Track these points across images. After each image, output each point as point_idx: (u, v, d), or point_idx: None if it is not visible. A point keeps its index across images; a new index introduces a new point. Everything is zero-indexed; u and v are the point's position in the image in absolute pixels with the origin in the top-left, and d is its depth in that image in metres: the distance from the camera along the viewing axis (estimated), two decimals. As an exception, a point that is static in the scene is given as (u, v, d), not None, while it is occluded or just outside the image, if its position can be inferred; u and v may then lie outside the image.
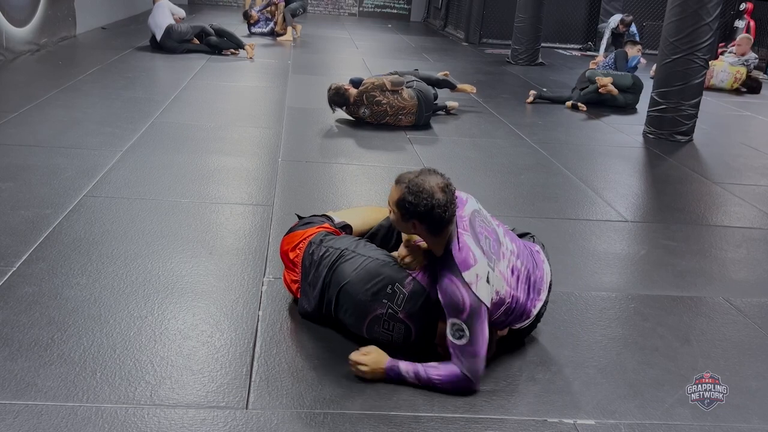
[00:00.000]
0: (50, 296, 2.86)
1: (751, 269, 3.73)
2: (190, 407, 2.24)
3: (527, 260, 2.63)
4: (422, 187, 2.35)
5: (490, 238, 2.49)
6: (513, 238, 2.66)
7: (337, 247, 2.69)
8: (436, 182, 2.38)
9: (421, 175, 2.41)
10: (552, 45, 13.46)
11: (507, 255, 2.53)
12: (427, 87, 6.33)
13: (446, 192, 2.37)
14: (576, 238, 3.98)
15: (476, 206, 2.58)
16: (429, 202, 2.33)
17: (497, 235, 2.54)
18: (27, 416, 2.14)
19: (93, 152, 4.81)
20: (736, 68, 9.80)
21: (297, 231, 2.88)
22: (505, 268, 2.49)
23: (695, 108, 6.45)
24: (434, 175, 2.42)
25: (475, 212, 2.53)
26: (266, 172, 4.72)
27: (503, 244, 2.54)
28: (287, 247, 2.86)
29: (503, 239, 2.56)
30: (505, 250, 2.52)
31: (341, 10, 18.29)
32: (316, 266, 2.69)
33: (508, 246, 2.56)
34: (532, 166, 5.34)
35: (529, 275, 2.61)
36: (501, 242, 2.53)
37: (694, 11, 6.11)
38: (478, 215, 2.53)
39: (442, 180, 2.41)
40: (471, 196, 2.63)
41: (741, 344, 2.91)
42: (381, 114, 6.11)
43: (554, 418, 2.33)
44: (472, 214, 2.50)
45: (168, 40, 9.45)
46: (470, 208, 2.53)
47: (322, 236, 2.78)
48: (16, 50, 8.22)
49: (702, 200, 4.89)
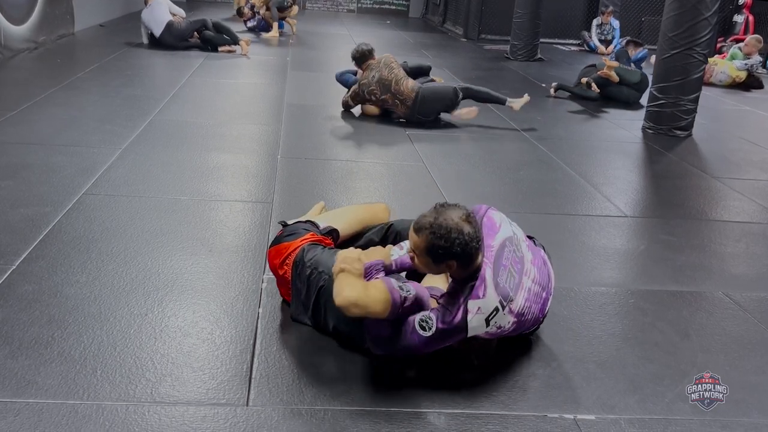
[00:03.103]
0: (50, 294, 2.86)
1: (750, 264, 3.74)
2: (190, 404, 2.25)
3: (543, 279, 2.56)
4: (448, 227, 2.27)
5: (514, 271, 2.39)
6: (536, 258, 2.56)
7: (320, 270, 2.60)
8: (457, 216, 2.30)
9: (439, 215, 2.30)
10: (551, 41, 13.45)
11: (526, 285, 2.44)
12: (434, 93, 6.18)
13: (470, 222, 2.31)
14: (575, 233, 3.98)
15: (509, 232, 2.46)
16: (461, 239, 2.26)
17: (523, 265, 2.43)
18: (28, 414, 2.14)
19: (92, 150, 4.81)
20: (737, 73, 9.70)
21: (283, 243, 2.79)
22: (522, 300, 2.41)
23: (694, 103, 6.45)
24: (451, 209, 2.33)
25: (506, 241, 2.42)
26: (265, 169, 4.72)
27: (527, 273, 2.45)
28: (275, 261, 2.79)
29: (529, 266, 2.47)
30: (526, 280, 2.44)
31: (339, 7, 18.26)
32: (306, 287, 2.65)
33: (531, 273, 2.48)
34: (532, 162, 5.34)
35: (543, 295, 2.55)
36: (525, 270, 2.44)
37: (692, 6, 6.11)
38: (509, 244, 2.42)
39: (461, 211, 2.32)
40: (504, 218, 2.53)
41: (740, 339, 2.91)
42: (386, 85, 6.06)
43: (554, 414, 2.33)
44: (501, 244, 2.40)
45: (168, 37, 9.43)
46: (502, 236, 2.43)
47: (305, 251, 2.69)
48: (14, 48, 8.21)
49: (701, 195, 4.89)
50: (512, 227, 2.53)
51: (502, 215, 2.55)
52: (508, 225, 2.51)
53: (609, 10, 12.52)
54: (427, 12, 17.65)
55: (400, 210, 4.00)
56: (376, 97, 6.16)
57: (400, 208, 4.07)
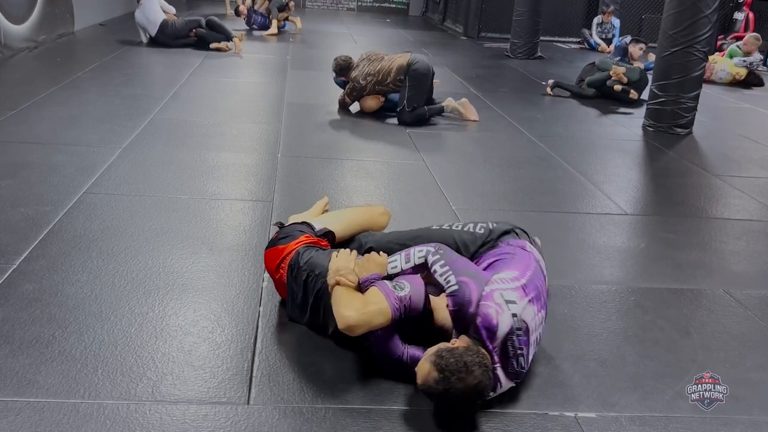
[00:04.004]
0: (51, 293, 2.86)
1: (750, 261, 3.73)
2: (191, 403, 2.25)
3: (542, 299, 2.48)
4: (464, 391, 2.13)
5: (524, 350, 2.30)
6: (541, 309, 2.44)
7: (317, 273, 2.59)
8: (468, 381, 2.12)
9: (456, 371, 2.12)
10: (551, 39, 13.44)
11: (536, 340, 2.41)
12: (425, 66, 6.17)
13: (484, 388, 2.17)
14: (576, 231, 3.98)
15: (509, 320, 2.26)
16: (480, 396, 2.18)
17: (529, 336, 2.33)
18: (29, 413, 2.15)
19: (92, 149, 4.81)
20: (737, 70, 9.71)
21: (278, 246, 2.78)
22: (531, 354, 2.40)
23: (695, 101, 6.44)
24: (469, 373, 2.13)
25: (509, 333, 2.26)
26: (266, 168, 4.72)
27: (533, 331, 2.37)
28: (271, 265, 2.78)
29: (537, 324, 2.40)
30: (533, 344, 2.39)
31: (340, 5, 18.25)
32: (303, 291, 2.64)
33: (538, 329, 2.42)
34: (532, 160, 5.34)
35: (543, 311, 2.52)
36: (531, 340, 2.35)
37: (692, 3, 6.10)
38: (512, 334, 2.27)
39: (478, 371, 2.14)
40: (503, 301, 2.28)
41: (741, 336, 2.91)
42: (374, 74, 6.14)
43: (555, 411, 2.33)
44: (504, 340, 2.26)
45: (162, 36, 9.41)
46: (503, 331, 2.25)
47: (301, 254, 2.68)
48: (14, 47, 8.21)
49: (702, 193, 4.89)
50: (511, 309, 2.29)
51: (500, 299, 2.29)
52: (506, 311, 2.27)
53: (610, 10, 12.54)
54: (427, 10, 17.64)
55: (401, 209, 4.00)
56: (370, 90, 6.21)
57: (401, 206, 4.08)
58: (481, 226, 2.78)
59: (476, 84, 8.37)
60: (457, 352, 2.16)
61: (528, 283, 2.40)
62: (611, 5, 12.67)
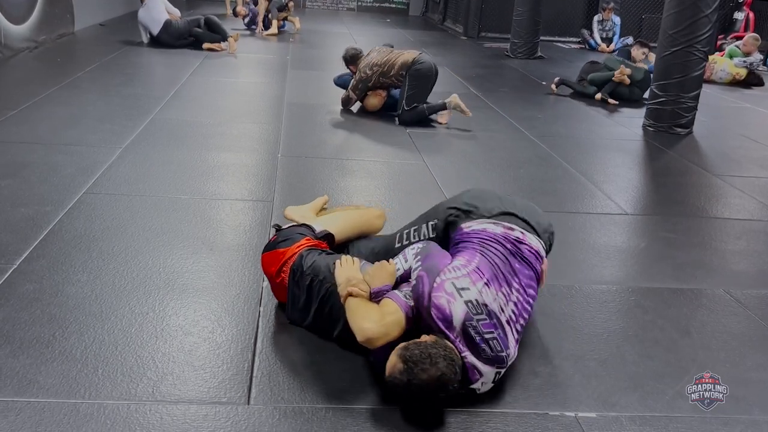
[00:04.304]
0: (51, 293, 2.86)
1: (751, 261, 3.73)
2: (191, 403, 2.25)
3: (524, 306, 2.47)
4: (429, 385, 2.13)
5: (494, 333, 2.28)
6: (508, 281, 2.43)
7: (321, 279, 2.58)
8: (431, 371, 2.13)
9: (418, 361, 2.14)
10: (551, 38, 13.44)
11: (506, 316, 2.37)
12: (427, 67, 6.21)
13: (450, 376, 2.16)
14: (576, 231, 3.98)
15: (463, 307, 2.26)
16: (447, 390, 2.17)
17: (492, 318, 2.30)
18: (29, 413, 2.15)
19: (92, 149, 4.81)
20: (737, 70, 9.70)
21: (278, 249, 2.75)
22: (512, 338, 2.37)
23: (695, 100, 6.45)
24: (432, 361, 2.14)
25: (466, 319, 2.25)
26: (266, 168, 4.72)
27: (502, 311, 2.35)
28: (271, 268, 2.75)
29: (506, 306, 2.37)
30: (503, 316, 2.35)
31: (340, 5, 18.24)
32: (306, 295, 2.63)
33: (506, 306, 2.38)
34: (532, 160, 5.34)
35: (529, 292, 2.51)
36: (500, 314, 2.34)
37: (692, 3, 6.10)
38: (470, 320, 2.26)
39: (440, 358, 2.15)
40: (454, 289, 2.29)
41: (741, 336, 2.91)
42: (380, 64, 6.16)
43: (555, 411, 2.34)
44: (463, 327, 2.26)
45: (165, 36, 9.42)
46: (458, 318, 2.26)
47: (303, 258, 2.67)
48: (14, 47, 8.21)
49: (702, 192, 4.89)
50: (463, 296, 2.28)
51: (450, 288, 2.29)
52: (459, 299, 2.27)
53: (610, 7, 12.54)
54: (427, 10, 17.63)
55: (401, 208, 4.00)
56: (375, 81, 6.22)
57: (401, 206, 4.08)
58: (431, 225, 2.80)
59: (476, 84, 8.37)
60: (423, 344, 2.19)
61: (481, 266, 2.40)
62: (611, 2, 12.67)
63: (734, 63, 9.74)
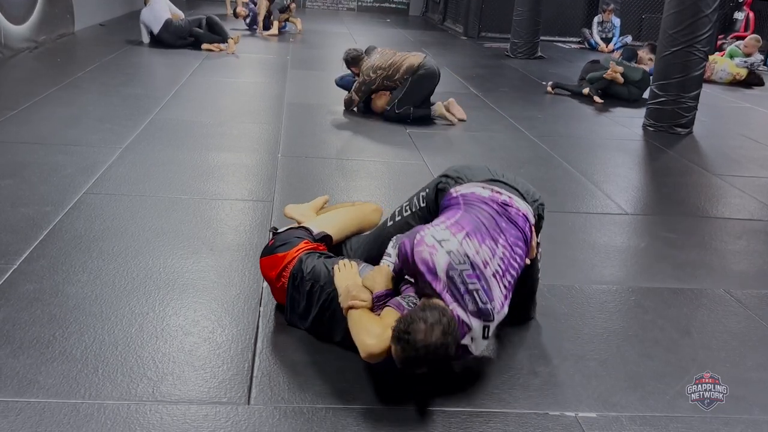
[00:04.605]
0: (51, 293, 2.86)
1: (751, 261, 3.73)
2: (192, 403, 2.25)
3: (511, 263, 2.45)
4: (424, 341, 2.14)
5: (477, 284, 2.28)
6: (494, 238, 2.42)
7: (322, 284, 2.57)
8: (429, 333, 2.14)
9: (412, 330, 2.14)
10: (551, 38, 13.44)
11: (492, 271, 2.35)
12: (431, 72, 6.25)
13: (445, 333, 2.16)
14: (576, 231, 3.98)
15: (446, 257, 2.28)
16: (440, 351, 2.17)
17: (476, 269, 2.31)
18: (29, 413, 2.15)
19: (93, 149, 4.81)
20: (737, 70, 9.70)
21: (276, 254, 2.73)
22: (498, 290, 2.36)
23: (695, 100, 6.44)
24: (426, 324, 2.15)
25: (449, 268, 2.27)
26: (266, 168, 4.72)
27: (486, 263, 2.34)
28: (271, 273, 2.73)
29: (484, 257, 2.35)
30: (489, 270, 2.34)
31: (340, 5, 18.25)
32: (306, 301, 2.63)
33: (489, 256, 2.36)
34: (532, 160, 5.34)
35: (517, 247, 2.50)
36: (483, 266, 2.33)
37: (693, 3, 6.10)
38: (453, 269, 2.27)
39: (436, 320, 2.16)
40: (435, 241, 2.32)
41: (741, 336, 2.91)
42: (384, 68, 6.15)
43: (556, 411, 2.34)
44: (447, 277, 2.27)
45: (166, 34, 9.41)
46: (441, 268, 2.27)
47: (303, 262, 2.66)
48: (14, 48, 8.21)
49: (702, 192, 4.89)
50: (444, 246, 2.31)
51: (431, 240, 2.32)
52: (440, 249, 2.30)
53: (610, 8, 12.56)
54: (427, 10, 17.63)
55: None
56: (378, 85, 6.22)
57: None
58: (422, 196, 2.84)
59: (476, 84, 8.37)
60: (401, 318, 2.21)
61: (461, 220, 2.44)
62: (611, 3, 12.69)
63: (735, 63, 9.74)
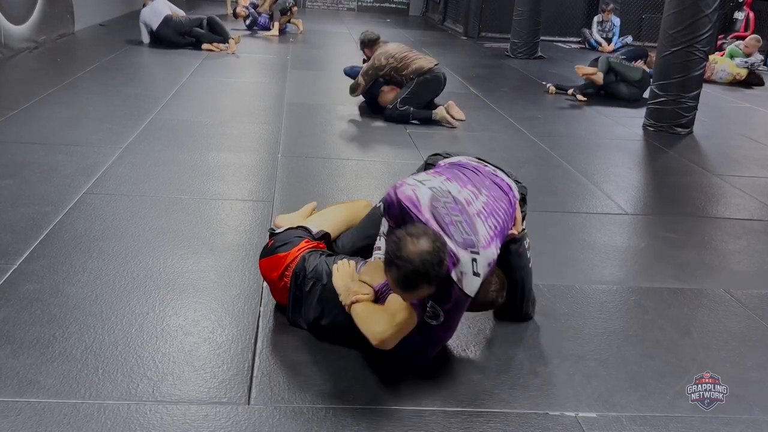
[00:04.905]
0: (51, 293, 2.86)
1: (751, 261, 3.73)
2: (192, 403, 2.25)
3: (495, 210, 2.52)
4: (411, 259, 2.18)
5: (459, 216, 2.37)
6: (477, 187, 2.55)
7: (324, 283, 2.58)
8: (417, 244, 2.20)
9: (401, 247, 2.20)
10: (551, 38, 13.44)
11: (475, 209, 2.43)
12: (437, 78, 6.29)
13: (434, 241, 2.22)
14: (576, 231, 3.98)
15: (428, 193, 2.41)
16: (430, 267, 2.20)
17: (458, 203, 2.41)
18: (29, 413, 2.15)
19: (93, 149, 4.81)
20: (737, 70, 9.71)
21: (277, 254, 2.72)
22: (484, 227, 2.39)
23: (695, 100, 6.45)
24: (412, 237, 2.22)
25: (433, 200, 2.39)
26: (266, 168, 4.72)
27: (468, 201, 2.44)
28: (272, 273, 2.72)
29: (465, 194, 2.47)
30: (472, 208, 2.42)
31: (340, 5, 18.25)
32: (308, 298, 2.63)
33: (470, 195, 2.48)
34: (532, 160, 5.34)
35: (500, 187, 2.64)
36: (464, 202, 2.43)
37: (693, 3, 6.10)
38: (436, 201, 2.39)
39: (421, 240, 2.21)
40: (415, 182, 2.47)
41: (742, 335, 2.91)
42: (396, 57, 6.24)
43: (556, 411, 2.33)
44: (431, 208, 2.37)
45: (166, 29, 9.40)
46: (426, 202, 2.38)
47: (306, 260, 2.66)
48: (14, 48, 8.21)
49: (702, 192, 4.89)
50: (426, 184, 2.46)
51: (412, 182, 2.47)
52: (422, 186, 2.45)
53: (609, 8, 12.57)
54: (427, 10, 17.64)
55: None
56: (386, 73, 6.25)
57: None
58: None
59: (476, 84, 8.37)
60: (388, 246, 2.27)
61: (442, 171, 2.60)
62: (611, 3, 12.70)
63: (735, 63, 9.75)
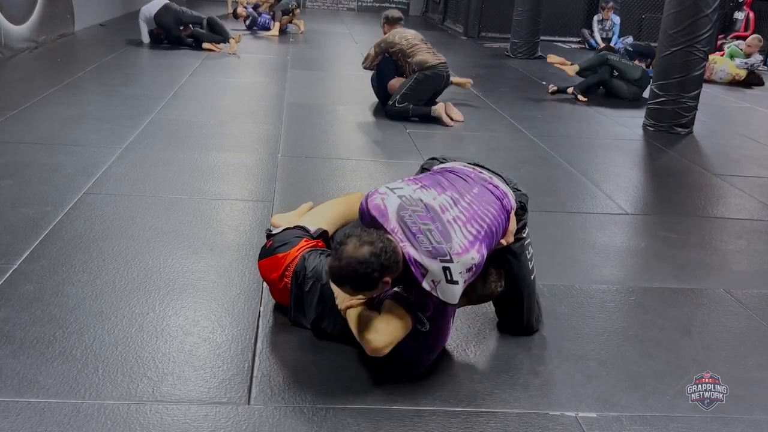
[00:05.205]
0: (51, 293, 2.86)
1: (751, 261, 3.73)
2: (192, 403, 2.25)
3: (477, 214, 2.41)
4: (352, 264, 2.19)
5: (431, 225, 2.27)
6: (460, 193, 2.43)
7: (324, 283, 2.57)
8: (353, 247, 2.21)
9: (340, 259, 2.22)
10: (551, 38, 13.44)
11: (451, 216, 2.32)
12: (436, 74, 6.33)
13: (367, 242, 2.21)
14: (576, 231, 3.98)
15: (396, 202, 2.34)
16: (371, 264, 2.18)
17: (429, 211, 2.31)
18: (29, 414, 2.15)
19: (93, 149, 4.81)
20: (737, 70, 9.72)
21: (277, 255, 2.71)
22: (458, 234, 2.29)
23: (695, 100, 6.44)
24: (347, 244, 2.23)
25: (400, 209, 2.32)
26: (266, 168, 4.72)
27: (442, 208, 2.33)
28: (272, 274, 2.71)
29: (440, 200, 2.36)
30: (447, 214, 2.32)
31: (340, 5, 18.26)
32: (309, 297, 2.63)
33: (447, 200, 2.37)
34: (532, 160, 5.34)
35: (488, 192, 2.50)
36: (437, 209, 2.32)
37: (693, 3, 6.10)
38: (404, 210, 2.31)
39: (355, 239, 2.22)
40: (386, 191, 2.41)
41: (742, 335, 2.91)
42: (409, 40, 6.34)
43: (556, 411, 2.33)
44: (398, 218, 2.30)
45: (166, 15, 9.37)
46: (393, 211, 2.32)
47: (306, 260, 2.65)
48: (14, 48, 8.21)
49: (702, 192, 4.89)
50: (396, 192, 2.39)
51: (384, 190, 2.41)
52: (392, 194, 2.38)
53: (609, 6, 12.55)
54: (427, 10, 17.64)
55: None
56: (394, 52, 6.34)
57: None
58: None
59: (476, 84, 8.36)
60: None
61: (421, 179, 2.52)
62: (610, 1, 12.70)
63: (735, 64, 9.75)
